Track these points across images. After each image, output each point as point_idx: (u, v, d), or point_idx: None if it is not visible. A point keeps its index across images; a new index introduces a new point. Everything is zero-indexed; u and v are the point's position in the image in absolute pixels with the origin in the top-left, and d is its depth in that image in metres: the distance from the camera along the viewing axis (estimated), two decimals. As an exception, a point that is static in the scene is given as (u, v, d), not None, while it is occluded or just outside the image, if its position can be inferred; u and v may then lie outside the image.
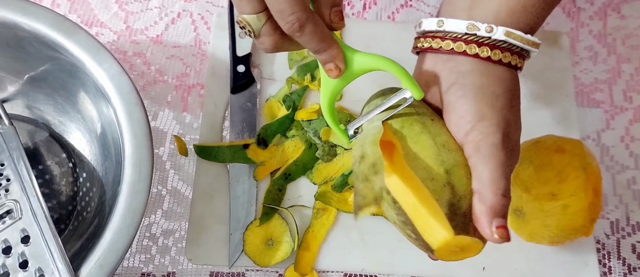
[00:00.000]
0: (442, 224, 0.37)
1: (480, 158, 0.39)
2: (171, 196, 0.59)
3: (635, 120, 0.64)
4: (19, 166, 0.50)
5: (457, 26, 0.41)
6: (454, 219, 0.37)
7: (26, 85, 0.57)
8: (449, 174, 0.38)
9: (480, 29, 0.41)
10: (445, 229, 0.37)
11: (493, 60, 0.41)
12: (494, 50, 0.41)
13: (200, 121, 0.61)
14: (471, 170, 0.39)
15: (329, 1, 0.39)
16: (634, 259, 0.58)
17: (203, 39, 0.66)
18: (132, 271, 0.56)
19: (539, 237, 0.53)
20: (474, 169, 0.39)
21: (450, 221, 0.37)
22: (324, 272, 0.56)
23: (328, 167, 0.59)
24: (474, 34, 0.41)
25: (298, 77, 0.63)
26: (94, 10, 0.67)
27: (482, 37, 0.41)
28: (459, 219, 0.38)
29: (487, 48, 0.41)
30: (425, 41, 0.43)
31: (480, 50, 0.41)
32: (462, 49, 0.41)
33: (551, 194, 0.50)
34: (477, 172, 0.39)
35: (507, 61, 0.41)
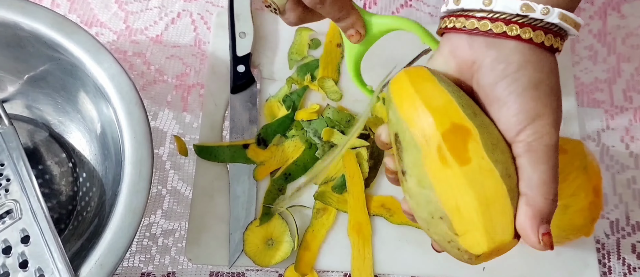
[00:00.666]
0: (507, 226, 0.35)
1: (532, 159, 0.36)
2: (171, 196, 0.59)
3: (635, 120, 0.64)
4: (19, 165, 0.50)
5: (509, 6, 0.37)
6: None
7: (26, 85, 0.57)
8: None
9: (535, 10, 0.37)
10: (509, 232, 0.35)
11: (545, 47, 0.37)
12: (548, 35, 0.37)
13: (200, 121, 0.61)
14: (518, 170, 0.37)
15: None
16: (634, 259, 0.58)
17: (203, 38, 0.66)
18: (132, 271, 0.56)
19: (539, 237, 0.52)
20: (522, 169, 0.36)
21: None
22: (324, 272, 0.56)
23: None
24: (527, 16, 0.37)
25: (298, 77, 0.63)
26: (94, 10, 0.67)
27: (536, 19, 0.37)
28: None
29: (541, 32, 0.37)
30: (468, 21, 0.38)
31: (534, 34, 0.37)
32: (514, 33, 0.37)
33: None
34: (526, 174, 0.36)
35: (557, 46, 0.38)
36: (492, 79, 0.37)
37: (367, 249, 0.56)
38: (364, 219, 0.57)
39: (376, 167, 0.59)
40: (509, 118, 0.37)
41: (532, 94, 0.37)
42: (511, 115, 0.37)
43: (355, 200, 0.57)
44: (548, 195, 0.36)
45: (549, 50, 0.38)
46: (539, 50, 0.37)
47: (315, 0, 0.40)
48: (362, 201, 0.57)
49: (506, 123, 0.37)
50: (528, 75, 0.37)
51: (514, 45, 0.37)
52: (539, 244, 0.35)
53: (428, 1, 0.69)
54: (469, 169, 0.36)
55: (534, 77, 0.37)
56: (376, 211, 0.58)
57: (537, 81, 0.37)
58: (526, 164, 0.36)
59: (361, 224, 0.57)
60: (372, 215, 0.58)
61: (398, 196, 0.58)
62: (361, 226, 0.57)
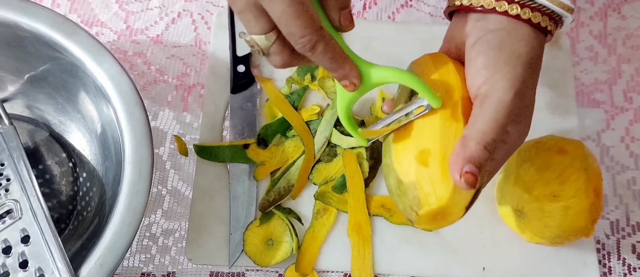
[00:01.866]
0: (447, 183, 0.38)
1: (482, 109, 0.38)
2: (171, 196, 0.59)
3: (635, 121, 0.64)
4: (19, 165, 0.50)
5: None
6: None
7: (26, 85, 0.57)
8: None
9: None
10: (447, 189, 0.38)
11: (522, 19, 0.40)
12: (524, 9, 0.40)
13: (200, 121, 0.61)
14: (467, 123, 0.39)
15: (336, 4, 0.38)
16: (634, 259, 0.58)
17: (203, 38, 0.66)
18: (132, 270, 0.56)
19: (539, 238, 0.52)
20: (470, 120, 0.39)
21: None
22: (324, 272, 0.56)
23: (328, 167, 0.59)
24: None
25: (298, 77, 0.63)
26: (94, 10, 0.67)
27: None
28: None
29: (516, 6, 0.40)
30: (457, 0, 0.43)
31: (509, 7, 0.40)
32: (491, 5, 0.41)
33: (552, 195, 0.50)
34: (471, 121, 0.38)
35: (537, 21, 0.41)
36: (471, 42, 0.41)
37: (367, 249, 0.56)
38: (364, 219, 0.57)
39: (376, 167, 0.59)
40: (474, 73, 0.40)
41: (496, 53, 0.39)
42: (475, 70, 0.40)
43: (355, 200, 0.57)
44: (482, 141, 0.37)
45: (531, 24, 0.41)
46: (519, 23, 0.41)
47: (305, 49, 0.36)
48: (362, 201, 0.57)
49: (471, 79, 0.40)
50: (498, 38, 0.40)
51: (496, 17, 0.41)
52: (460, 181, 0.37)
53: (428, 1, 0.69)
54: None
55: (503, 40, 0.40)
56: (376, 211, 0.58)
57: (503, 42, 0.40)
58: (475, 113, 0.39)
59: (361, 224, 0.57)
60: (372, 215, 0.58)
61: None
62: (361, 226, 0.57)
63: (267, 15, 0.35)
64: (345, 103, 0.41)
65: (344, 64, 0.38)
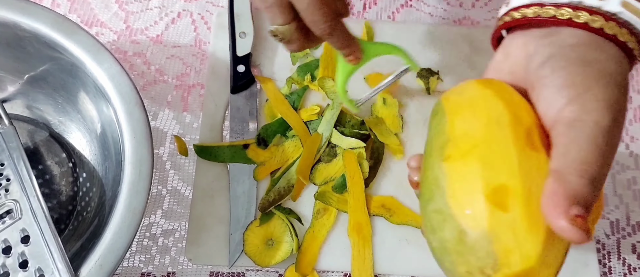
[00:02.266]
0: (535, 234, 0.28)
1: (572, 134, 0.30)
2: (171, 196, 0.59)
3: (635, 120, 0.64)
4: (19, 166, 0.50)
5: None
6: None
7: (26, 85, 0.57)
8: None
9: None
10: (536, 244, 0.28)
11: (606, 35, 0.32)
12: (609, 22, 0.32)
13: (200, 121, 0.61)
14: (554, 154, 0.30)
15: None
16: (634, 259, 0.58)
17: (203, 39, 0.66)
18: (132, 271, 0.56)
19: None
20: (556, 147, 0.30)
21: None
22: (324, 272, 0.56)
23: (328, 167, 0.59)
24: (580, 2, 0.33)
25: (298, 77, 0.63)
26: (94, 10, 0.67)
27: (592, 6, 0.32)
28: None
29: (600, 18, 0.32)
30: (517, 13, 0.35)
31: (590, 19, 0.32)
32: (566, 16, 0.33)
33: None
34: (560, 149, 0.30)
35: (623, 40, 0.32)
36: (541, 59, 0.33)
37: (367, 249, 0.56)
38: (364, 219, 0.57)
39: (376, 167, 0.59)
40: (552, 94, 0.31)
41: (581, 69, 0.31)
42: (554, 90, 0.31)
43: (355, 200, 0.57)
44: (585, 174, 0.29)
45: (615, 41, 0.32)
46: (600, 38, 0.32)
47: (325, 33, 0.44)
48: (362, 201, 0.57)
49: (547, 100, 0.32)
50: (579, 53, 0.32)
51: (569, 31, 0.33)
52: (568, 227, 0.28)
53: (428, 1, 0.69)
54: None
55: (586, 55, 0.32)
56: (376, 211, 0.58)
57: (590, 59, 0.32)
58: (563, 139, 0.30)
59: (361, 224, 0.57)
60: (372, 215, 0.58)
61: (398, 196, 0.58)
62: (361, 226, 0.57)
63: (290, 9, 0.42)
64: (345, 75, 0.51)
65: (351, 43, 0.47)
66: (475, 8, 0.69)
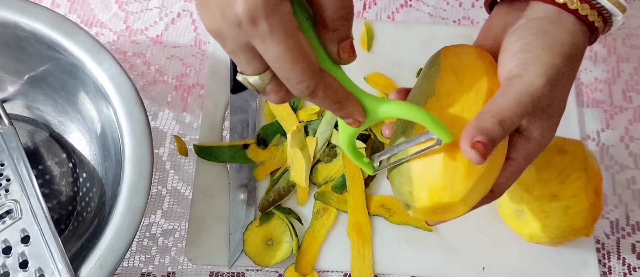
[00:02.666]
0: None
1: (507, 88, 0.36)
2: (171, 196, 0.59)
3: (635, 120, 0.64)
4: (19, 166, 0.50)
5: None
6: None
7: (26, 85, 0.57)
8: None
9: None
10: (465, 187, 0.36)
11: (569, 9, 0.38)
12: (583, 4, 0.38)
13: (200, 121, 0.61)
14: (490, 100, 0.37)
15: (335, 35, 0.34)
16: (634, 258, 0.58)
17: (203, 39, 0.66)
18: (132, 271, 0.56)
19: (539, 238, 0.52)
20: (494, 97, 0.36)
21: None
22: (324, 272, 0.56)
23: (328, 167, 0.59)
24: None
25: (298, 77, 0.63)
26: (94, 10, 0.67)
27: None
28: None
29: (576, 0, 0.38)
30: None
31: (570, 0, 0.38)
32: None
33: (552, 194, 0.50)
34: (492, 99, 0.36)
35: (585, 13, 0.38)
36: (511, 29, 0.39)
37: (367, 249, 0.56)
38: (364, 219, 0.57)
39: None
40: (508, 58, 0.38)
41: (536, 38, 0.37)
42: (510, 54, 0.38)
43: (355, 200, 0.57)
44: (497, 116, 0.35)
45: (577, 16, 0.38)
46: (564, 13, 0.38)
47: (303, 93, 0.33)
48: (362, 201, 0.57)
49: (504, 63, 0.38)
50: (540, 25, 0.37)
51: (541, 5, 0.39)
52: (470, 151, 0.34)
53: (428, 1, 0.69)
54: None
55: (545, 26, 0.37)
56: (376, 211, 0.58)
57: (547, 30, 0.37)
58: (499, 91, 0.36)
59: (361, 224, 0.57)
60: (372, 215, 0.58)
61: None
62: (361, 226, 0.57)
63: (260, 57, 0.32)
64: (347, 136, 0.39)
65: (346, 103, 0.36)
66: (475, 8, 0.69)
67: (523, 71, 0.36)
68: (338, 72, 0.36)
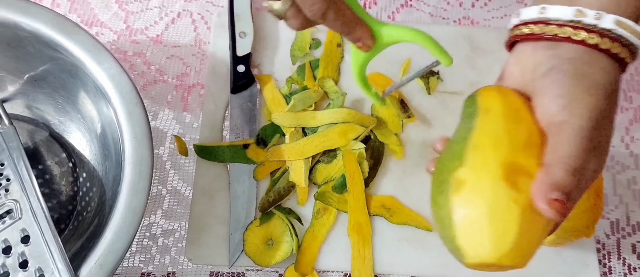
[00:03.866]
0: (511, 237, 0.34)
1: (561, 137, 0.36)
2: (171, 196, 0.59)
3: (635, 120, 0.64)
4: (19, 165, 0.50)
5: (562, 12, 0.39)
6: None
7: (26, 85, 0.57)
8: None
9: (587, 15, 0.38)
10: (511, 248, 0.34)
11: (600, 49, 0.38)
12: (603, 39, 0.38)
13: (200, 121, 0.61)
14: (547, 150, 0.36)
15: None
16: (634, 259, 0.58)
17: (203, 38, 0.66)
18: (132, 271, 0.56)
19: (539, 238, 0.52)
20: (550, 147, 0.36)
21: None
22: (324, 272, 0.56)
23: (328, 167, 0.59)
24: (580, 21, 0.38)
25: (298, 77, 0.63)
26: (94, 10, 0.67)
27: (589, 24, 0.38)
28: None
29: (595, 35, 0.38)
30: (526, 27, 0.40)
31: (588, 36, 0.38)
32: (566, 34, 0.38)
33: None
34: (551, 148, 0.36)
35: (616, 52, 0.38)
36: (544, 70, 0.39)
37: (367, 249, 0.56)
38: (364, 219, 0.57)
39: (376, 167, 0.59)
40: (548, 102, 0.38)
41: (574, 82, 0.37)
42: (550, 99, 0.37)
43: (355, 200, 0.57)
44: (568, 167, 0.35)
45: (608, 55, 0.38)
46: (596, 53, 0.38)
47: (316, 16, 0.39)
48: (362, 201, 0.57)
49: (544, 107, 0.38)
50: (575, 67, 0.37)
51: (569, 46, 0.38)
52: (546, 209, 0.34)
53: (428, 1, 0.69)
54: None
55: (580, 69, 0.37)
56: (376, 211, 0.58)
57: (582, 72, 0.37)
58: (552, 139, 0.36)
59: (361, 224, 0.57)
60: (372, 215, 0.58)
61: (398, 196, 0.58)
62: (361, 226, 0.57)
63: None
64: (359, 64, 0.43)
65: (355, 27, 0.40)
66: (475, 8, 0.69)
67: (570, 115, 0.37)
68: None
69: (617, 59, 0.38)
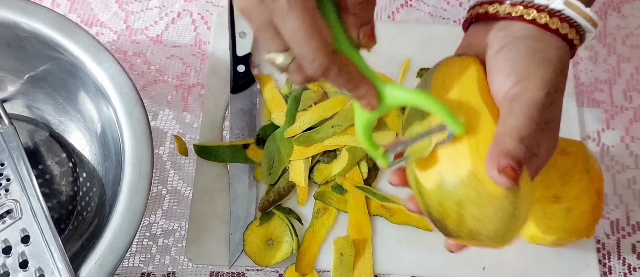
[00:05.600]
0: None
1: (512, 108, 0.37)
2: (171, 196, 0.59)
3: (635, 120, 0.64)
4: (19, 165, 0.50)
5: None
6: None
7: (26, 85, 0.57)
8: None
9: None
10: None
11: (550, 29, 0.39)
12: (552, 18, 0.39)
13: (200, 121, 0.61)
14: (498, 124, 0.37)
15: (356, 20, 0.35)
16: (634, 259, 0.58)
17: (203, 38, 0.66)
18: (132, 270, 0.56)
19: (541, 239, 0.52)
20: (501, 120, 0.37)
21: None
22: (324, 272, 0.56)
23: (328, 167, 0.59)
24: (531, 1, 0.40)
25: (298, 77, 0.63)
26: (94, 10, 0.67)
27: (541, 5, 0.39)
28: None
29: (545, 15, 0.39)
30: (481, 8, 0.42)
31: (538, 15, 0.39)
32: (519, 13, 0.40)
33: (555, 196, 0.50)
34: (501, 120, 0.37)
35: (565, 32, 0.39)
36: (496, 49, 0.40)
37: (367, 249, 0.56)
38: (364, 219, 0.57)
39: (376, 167, 0.59)
40: (501, 79, 0.39)
41: (526, 57, 0.38)
42: (504, 75, 0.39)
43: (355, 200, 0.57)
44: (517, 136, 0.36)
45: (558, 34, 0.39)
46: (546, 32, 0.39)
47: (317, 73, 0.35)
48: (362, 201, 0.57)
49: (498, 84, 0.39)
50: (526, 44, 0.39)
51: (520, 25, 0.40)
52: (499, 177, 0.35)
53: (428, 1, 0.69)
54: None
55: (532, 46, 0.39)
56: (376, 211, 0.58)
57: (535, 49, 0.39)
58: (504, 111, 0.37)
59: (361, 224, 0.57)
60: (372, 215, 0.58)
61: (398, 196, 0.58)
62: (361, 226, 0.57)
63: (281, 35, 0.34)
64: (363, 123, 0.39)
65: (360, 85, 0.37)
66: (475, 8, 0.69)
67: (523, 89, 0.38)
68: (356, 56, 0.37)
69: (567, 40, 0.40)
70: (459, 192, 0.37)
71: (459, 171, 0.37)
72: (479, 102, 0.39)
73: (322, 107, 0.59)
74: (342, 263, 0.55)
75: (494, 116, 0.38)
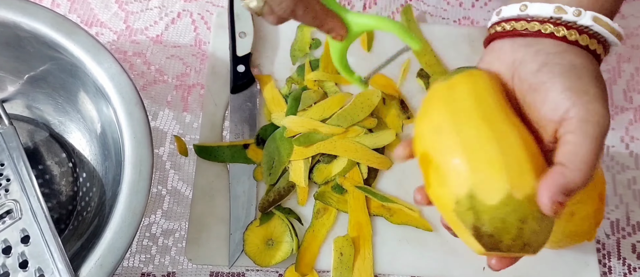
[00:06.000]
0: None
1: (583, 133, 0.36)
2: (171, 196, 0.59)
3: (635, 120, 0.64)
4: (19, 165, 0.50)
5: (543, 10, 0.40)
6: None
7: (26, 85, 0.57)
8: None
9: (567, 12, 0.39)
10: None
11: (580, 45, 0.39)
12: (582, 35, 0.39)
13: (200, 121, 0.61)
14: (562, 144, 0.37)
15: None
16: (634, 259, 0.58)
17: (203, 38, 0.66)
18: (132, 271, 0.56)
19: (542, 241, 0.52)
20: (568, 143, 0.36)
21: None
22: (324, 272, 0.56)
23: (328, 167, 0.59)
24: (560, 18, 0.39)
25: (298, 77, 0.63)
26: (94, 10, 0.67)
27: (569, 21, 0.39)
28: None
29: (575, 31, 0.39)
30: (508, 24, 0.41)
31: (568, 33, 0.39)
32: (549, 30, 0.39)
33: None
34: (570, 146, 0.36)
35: (593, 48, 0.39)
36: (535, 66, 0.39)
37: (367, 249, 0.56)
38: (364, 219, 0.57)
39: (376, 168, 0.59)
40: (556, 96, 0.37)
41: (576, 73, 0.38)
42: (558, 93, 0.37)
43: (355, 200, 0.57)
44: (588, 171, 0.36)
45: (587, 50, 0.39)
46: (576, 48, 0.39)
47: (285, 14, 0.39)
48: (362, 201, 0.57)
49: (553, 102, 0.37)
50: (569, 59, 0.38)
51: (549, 42, 0.39)
52: (550, 210, 0.36)
53: (428, 1, 0.69)
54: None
55: (575, 61, 0.38)
56: (376, 211, 0.58)
57: (579, 65, 0.38)
58: (574, 138, 0.36)
59: (361, 224, 0.57)
60: (372, 215, 0.58)
61: (398, 196, 0.58)
62: (361, 226, 0.57)
63: None
64: (337, 52, 0.44)
65: (325, 19, 0.41)
66: (475, 8, 0.69)
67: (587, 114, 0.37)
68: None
69: (595, 54, 0.40)
70: (525, 208, 0.37)
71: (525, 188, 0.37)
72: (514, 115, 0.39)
73: (322, 107, 0.59)
74: (342, 263, 0.55)
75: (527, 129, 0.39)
